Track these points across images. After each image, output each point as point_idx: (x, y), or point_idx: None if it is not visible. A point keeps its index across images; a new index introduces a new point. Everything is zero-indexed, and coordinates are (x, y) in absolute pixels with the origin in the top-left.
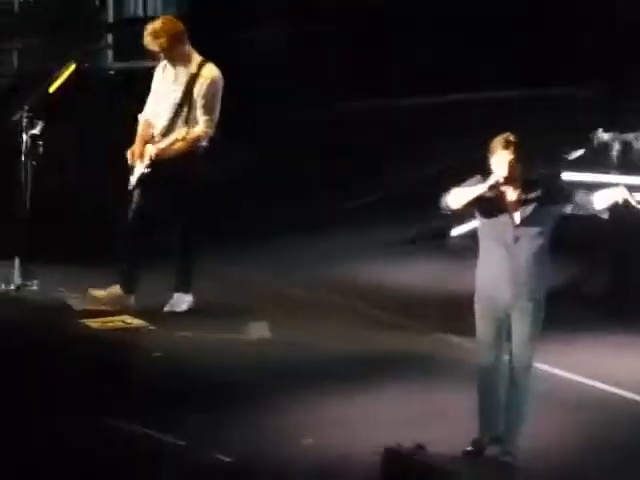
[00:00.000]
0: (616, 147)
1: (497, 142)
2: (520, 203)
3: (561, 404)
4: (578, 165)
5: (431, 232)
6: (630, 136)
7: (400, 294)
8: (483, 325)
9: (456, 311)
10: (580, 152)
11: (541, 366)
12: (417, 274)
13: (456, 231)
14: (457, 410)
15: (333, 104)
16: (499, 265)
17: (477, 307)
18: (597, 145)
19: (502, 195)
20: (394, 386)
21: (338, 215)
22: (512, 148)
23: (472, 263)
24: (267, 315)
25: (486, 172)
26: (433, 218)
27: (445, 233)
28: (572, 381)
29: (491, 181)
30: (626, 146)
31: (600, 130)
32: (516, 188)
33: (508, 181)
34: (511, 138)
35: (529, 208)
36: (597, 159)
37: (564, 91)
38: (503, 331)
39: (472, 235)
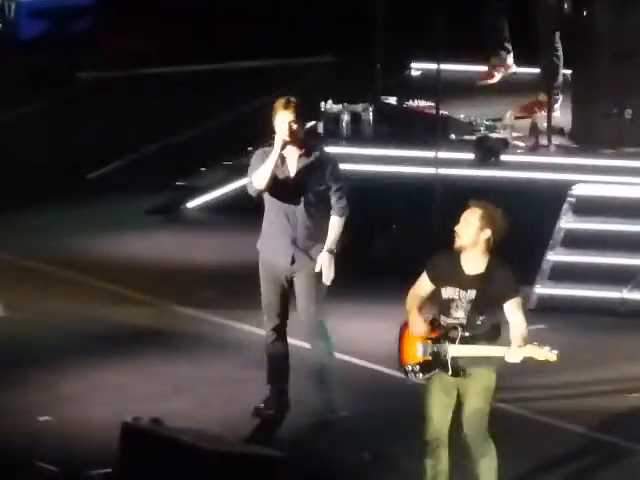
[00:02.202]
0: (345, 118)
1: (279, 103)
2: (300, 161)
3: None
4: (310, 137)
5: (173, 203)
6: (359, 107)
7: (138, 267)
8: (266, 289)
9: (194, 284)
10: (311, 123)
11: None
12: (155, 246)
13: (192, 203)
14: (194, 383)
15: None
16: (279, 231)
17: (260, 271)
18: (327, 116)
19: (282, 156)
20: (134, 361)
21: (80, 186)
22: (292, 108)
23: (210, 235)
24: (2, 292)
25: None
26: (172, 188)
27: (181, 204)
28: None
29: (277, 148)
30: (355, 117)
31: (329, 101)
32: (298, 147)
33: (292, 139)
34: (292, 99)
35: (307, 166)
36: (327, 130)
37: (302, 61)
38: (285, 295)
39: (209, 207)
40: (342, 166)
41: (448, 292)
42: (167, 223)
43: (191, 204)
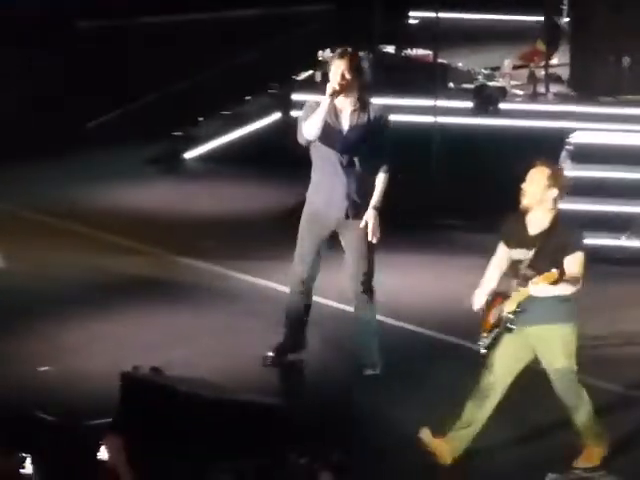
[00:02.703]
0: None
1: (336, 53)
2: (354, 115)
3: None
4: (308, 86)
5: (171, 153)
6: None
7: (138, 218)
8: (306, 239)
9: (194, 234)
10: (309, 73)
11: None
12: (154, 197)
13: (190, 153)
14: (195, 332)
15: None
16: (332, 183)
17: (304, 220)
18: (325, 65)
19: (336, 108)
20: (135, 311)
21: (79, 135)
22: (347, 57)
23: (208, 185)
24: (2, 243)
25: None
26: (171, 138)
27: (179, 155)
28: None
29: (328, 93)
30: None
31: (327, 50)
32: (352, 99)
33: (342, 89)
34: (348, 49)
35: (361, 121)
36: (325, 79)
37: (297, 10)
38: (322, 250)
39: (207, 157)
40: None
41: (517, 253)
42: (166, 173)
43: (189, 154)
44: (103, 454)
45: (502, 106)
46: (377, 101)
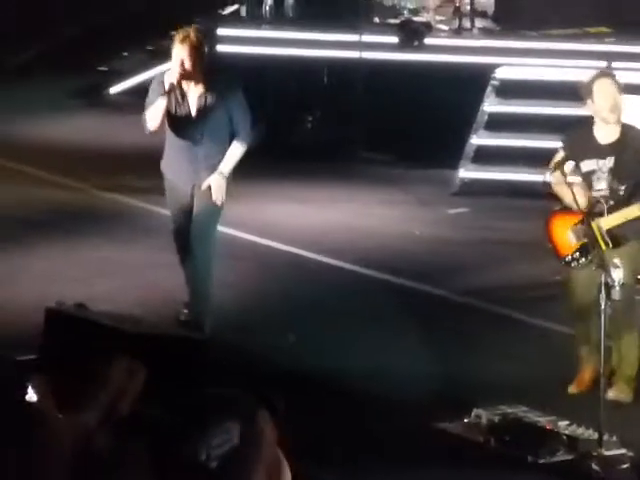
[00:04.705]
0: (269, 1)
1: (178, 35)
2: (201, 98)
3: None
4: (233, 20)
5: (95, 88)
6: None
7: (61, 151)
8: (170, 201)
9: (115, 168)
10: (234, 7)
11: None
12: (77, 131)
13: (115, 88)
14: (118, 267)
15: None
16: (182, 158)
17: (165, 184)
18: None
19: (183, 92)
20: (56, 246)
21: (1, 70)
22: (189, 43)
23: (132, 119)
24: None
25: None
26: (92, 73)
27: (104, 89)
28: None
29: (167, 88)
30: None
31: None
32: (197, 83)
33: (185, 77)
34: (191, 33)
35: (209, 102)
36: (251, 13)
37: None
38: (189, 207)
39: (131, 92)
40: (263, 50)
41: (587, 165)
42: (89, 107)
43: (114, 89)
44: (31, 395)
45: (427, 41)
46: (297, 36)
